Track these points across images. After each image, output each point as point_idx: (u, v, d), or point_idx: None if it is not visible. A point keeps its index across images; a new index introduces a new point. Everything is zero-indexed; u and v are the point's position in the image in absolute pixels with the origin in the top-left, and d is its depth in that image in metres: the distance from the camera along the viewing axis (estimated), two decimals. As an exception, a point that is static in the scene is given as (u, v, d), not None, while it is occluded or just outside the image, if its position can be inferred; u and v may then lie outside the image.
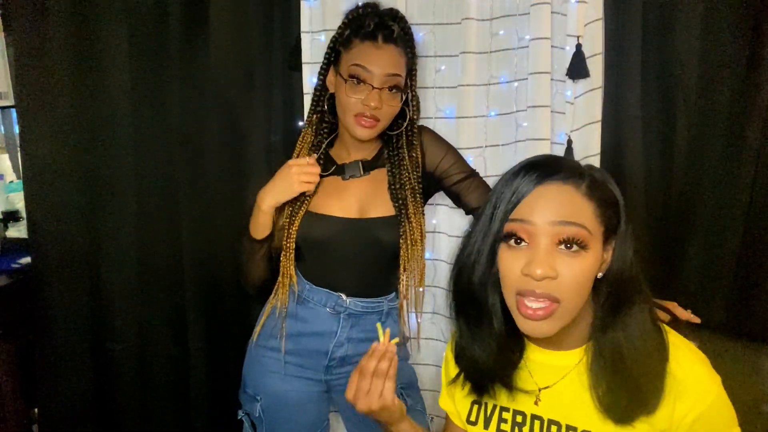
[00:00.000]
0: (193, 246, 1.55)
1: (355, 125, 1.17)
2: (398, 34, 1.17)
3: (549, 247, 0.75)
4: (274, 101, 1.49)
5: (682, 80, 1.36)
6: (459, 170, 1.28)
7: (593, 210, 0.76)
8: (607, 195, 0.78)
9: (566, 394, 0.83)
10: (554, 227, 0.75)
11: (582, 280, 0.75)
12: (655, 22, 1.35)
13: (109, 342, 1.59)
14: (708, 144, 1.39)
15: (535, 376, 0.86)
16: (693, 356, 0.80)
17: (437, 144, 1.29)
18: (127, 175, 1.52)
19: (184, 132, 1.51)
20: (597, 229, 0.76)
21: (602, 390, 0.78)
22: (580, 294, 0.76)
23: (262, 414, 1.28)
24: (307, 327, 1.27)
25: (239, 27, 1.46)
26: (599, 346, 0.79)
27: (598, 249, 0.76)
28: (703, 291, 1.42)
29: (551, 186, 0.77)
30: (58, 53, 1.45)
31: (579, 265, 0.75)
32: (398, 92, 1.18)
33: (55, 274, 1.54)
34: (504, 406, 0.88)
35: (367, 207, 1.23)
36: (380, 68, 1.14)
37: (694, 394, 0.76)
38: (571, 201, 0.76)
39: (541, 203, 0.76)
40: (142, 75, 1.48)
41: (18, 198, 1.96)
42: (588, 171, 0.80)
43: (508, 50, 1.39)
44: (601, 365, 0.79)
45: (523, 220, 0.76)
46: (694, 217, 1.42)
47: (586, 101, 1.33)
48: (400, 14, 1.20)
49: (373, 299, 1.28)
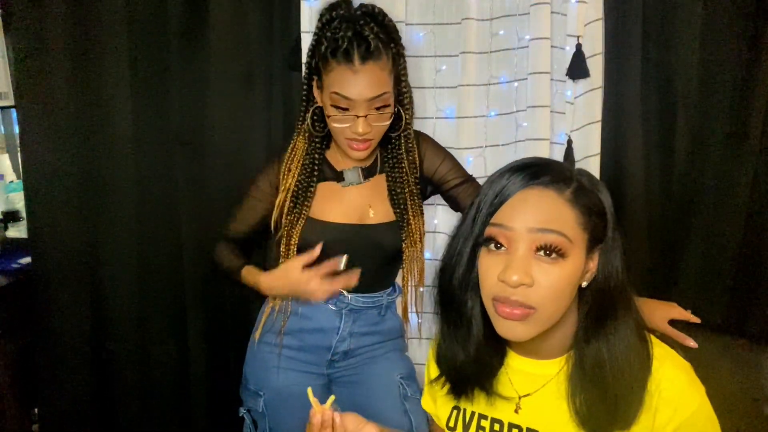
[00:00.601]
0: (192, 246, 1.55)
1: (348, 149, 1.15)
2: (375, 44, 1.08)
3: (526, 254, 0.73)
4: (274, 101, 1.49)
5: (682, 80, 1.36)
6: (456, 175, 1.28)
7: (576, 217, 0.74)
8: (593, 202, 0.76)
9: (546, 404, 0.82)
10: (532, 234, 0.73)
11: (559, 288, 0.73)
12: (655, 22, 1.36)
13: (109, 342, 1.59)
14: (708, 144, 1.39)
15: (515, 383, 0.85)
16: (676, 367, 0.78)
17: (435, 150, 1.29)
18: (126, 176, 1.52)
19: (184, 132, 1.51)
20: (579, 237, 0.74)
21: (579, 401, 0.77)
22: (557, 302, 0.74)
23: (265, 409, 1.28)
24: (310, 323, 1.27)
25: (239, 27, 1.46)
26: (580, 356, 0.78)
27: (579, 257, 0.74)
28: (703, 291, 1.42)
29: (533, 190, 0.75)
30: (58, 53, 1.45)
31: (557, 273, 0.73)
32: (387, 107, 1.14)
33: (55, 274, 1.54)
34: (482, 414, 0.87)
35: (366, 212, 1.24)
36: (361, 94, 1.09)
37: (675, 403, 0.75)
38: (552, 207, 0.74)
39: (521, 208, 0.75)
40: (142, 75, 1.48)
41: (18, 198, 1.96)
42: (576, 176, 0.77)
43: (508, 50, 1.39)
44: (581, 376, 0.77)
45: (503, 225, 0.75)
46: (694, 217, 1.42)
47: (586, 101, 1.33)
48: (375, 11, 1.12)
49: (374, 294, 1.29)
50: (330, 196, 1.23)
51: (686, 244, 1.44)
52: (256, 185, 1.27)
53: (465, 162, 1.40)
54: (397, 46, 1.15)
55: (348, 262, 1.19)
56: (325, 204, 1.23)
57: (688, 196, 1.42)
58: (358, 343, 1.31)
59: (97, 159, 1.51)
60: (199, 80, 1.48)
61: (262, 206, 1.27)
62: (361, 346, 1.32)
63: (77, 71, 1.47)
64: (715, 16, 1.33)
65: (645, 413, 0.75)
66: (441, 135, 1.42)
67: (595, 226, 0.76)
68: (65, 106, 1.48)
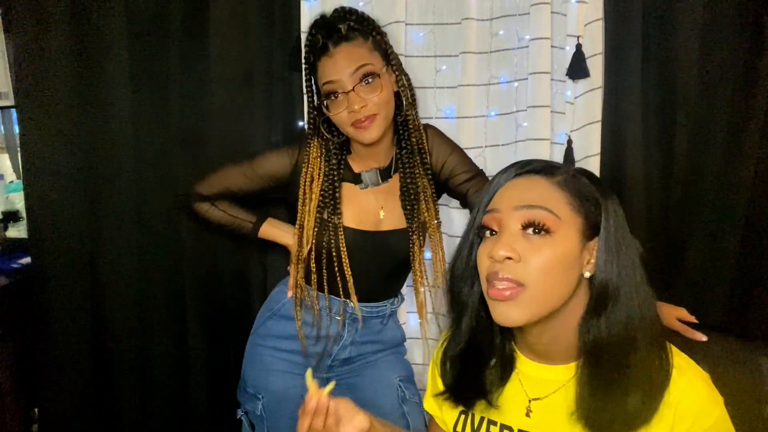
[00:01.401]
0: (192, 246, 1.55)
1: (356, 133, 1.15)
2: (347, 30, 1.14)
3: (515, 232, 0.76)
4: (274, 101, 1.49)
5: (682, 80, 1.36)
6: (465, 169, 1.27)
7: (565, 198, 0.76)
8: (586, 190, 0.78)
9: (557, 410, 0.81)
10: (518, 211, 0.76)
11: (549, 266, 0.74)
12: (655, 22, 1.35)
13: (109, 342, 1.59)
14: (708, 144, 1.39)
15: (526, 387, 0.85)
16: (696, 379, 0.77)
17: (442, 143, 1.28)
18: (127, 175, 1.52)
19: (184, 132, 1.51)
20: (569, 216, 0.76)
21: (586, 400, 0.76)
22: (547, 280, 0.74)
23: (263, 412, 1.28)
24: (313, 331, 1.27)
25: (239, 27, 1.46)
26: (585, 352, 0.77)
27: (570, 237, 0.75)
28: (704, 291, 1.42)
29: (522, 178, 0.80)
30: (58, 53, 1.45)
31: (545, 250, 0.74)
32: (375, 78, 1.13)
33: (55, 274, 1.54)
34: (492, 419, 0.87)
35: (382, 218, 1.23)
36: (342, 71, 1.12)
37: (693, 416, 0.74)
38: (538, 188, 0.77)
39: (508, 193, 0.79)
40: (142, 75, 1.48)
41: (18, 198, 1.96)
42: (572, 169, 0.80)
43: (508, 50, 1.39)
44: (586, 376, 0.77)
45: (492, 209, 0.79)
46: (694, 217, 1.42)
47: (586, 101, 1.33)
48: (347, 9, 1.17)
49: (378, 303, 1.29)
50: (347, 200, 1.23)
51: (686, 244, 1.44)
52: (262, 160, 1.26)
53: (465, 162, 1.41)
54: (373, 31, 1.17)
55: (356, 271, 1.20)
56: (342, 207, 1.22)
57: (688, 196, 1.41)
58: (359, 350, 1.31)
59: (97, 159, 1.51)
60: (199, 80, 1.48)
61: (246, 181, 1.27)
62: (362, 353, 1.32)
63: (77, 71, 1.47)
64: (716, 16, 1.33)
65: (662, 423, 0.74)
66: (441, 135, 1.42)
67: (589, 211, 0.77)
68: (65, 106, 1.48)
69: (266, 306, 1.35)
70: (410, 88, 1.22)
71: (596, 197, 0.77)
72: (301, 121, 1.42)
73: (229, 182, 1.28)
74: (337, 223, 1.19)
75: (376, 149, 1.22)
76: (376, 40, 1.17)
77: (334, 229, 1.19)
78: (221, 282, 1.58)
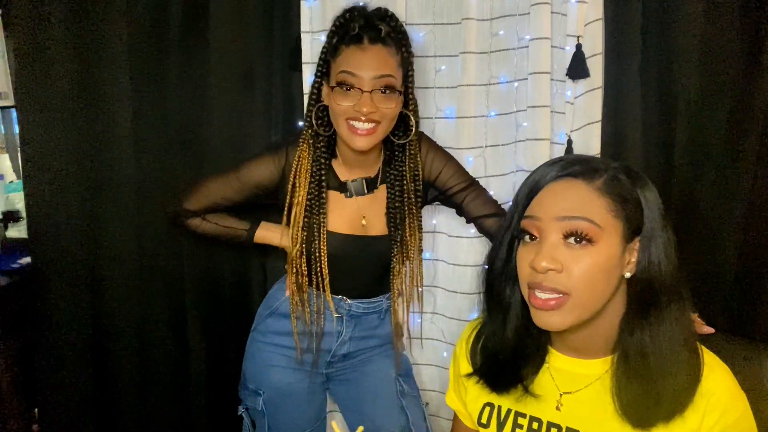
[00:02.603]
0: (192, 246, 1.55)
1: (350, 135, 1.11)
2: (386, 33, 1.10)
3: (556, 241, 0.76)
4: (274, 101, 1.49)
5: (682, 80, 1.36)
6: (459, 180, 1.27)
7: (606, 204, 0.76)
8: (627, 192, 0.77)
9: (588, 402, 0.82)
10: (560, 222, 0.76)
11: (591, 274, 0.74)
12: (655, 22, 1.35)
13: (109, 342, 1.59)
14: (708, 144, 1.39)
15: (557, 381, 0.86)
16: (726, 374, 0.80)
17: (437, 155, 1.27)
18: (127, 176, 1.52)
19: (184, 132, 1.51)
20: (610, 224, 0.75)
21: (625, 394, 0.78)
22: (591, 288, 0.75)
23: (264, 408, 1.29)
24: (311, 327, 1.27)
25: (239, 27, 1.46)
26: (624, 348, 0.78)
27: (612, 244, 0.75)
28: (704, 291, 1.42)
29: (561, 182, 0.79)
30: (58, 53, 1.45)
31: (587, 259, 0.74)
32: (393, 93, 1.11)
33: (55, 274, 1.55)
34: (520, 411, 0.87)
35: (368, 224, 1.23)
36: (368, 71, 1.08)
37: (723, 407, 0.76)
38: (579, 195, 0.76)
39: (548, 200, 0.78)
40: (142, 75, 1.48)
41: (18, 198, 1.96)
42: (612, 168, 0.79)
43: (508, 50, 1.39)
44: (625, 368, 0.78)
45: (532, 216, 0.78)
46: (694, 217, 1.42)
47: (586, 101, 1.33)
48: (389, 13, 1.14)
49: (373, 299, 1.30)
50: (333, 206, 1.23)
51: (686, 244, 1.44)
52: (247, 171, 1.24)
53: (465, 162, 1.40)
54: (407, 48, 1.15)
55: (348, 272, 1.21)
56: (328, 213, 1.22)
57: (688, 197, 1.41)
58: (358, 346, 1.32)
59: (97, 159, 1.51)
60: (199, 80, 1.48)
61: (233, 193, 1.25)
62: (360, 349, 1.32)
63: (77, 71, 1.47)
64: (715, 16, 1.33)
65: (694, 413, 0.76)
66: (441, 135, 1.42)
67: (631, 215, 0.77)
68: (65, 106, 1.48)
69: (265, 303, 1.36)
70: (417, 112, 1.22)
71: (637, 197, 0.78)
72: (301, 121, 1.42)
73: (216, 196, 1.27)
74: (322, 224, 1.19)
75: (364, 158, 1.22)
76: (404, 57, 1.14)
77: (318, 233, 1.19)
78: (221, 282, 1.58)
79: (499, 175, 1.42)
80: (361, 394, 1.31)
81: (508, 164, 1.42)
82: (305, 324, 1.26)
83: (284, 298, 1.30)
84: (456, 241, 1.45)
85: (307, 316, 1.26)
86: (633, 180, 0.79)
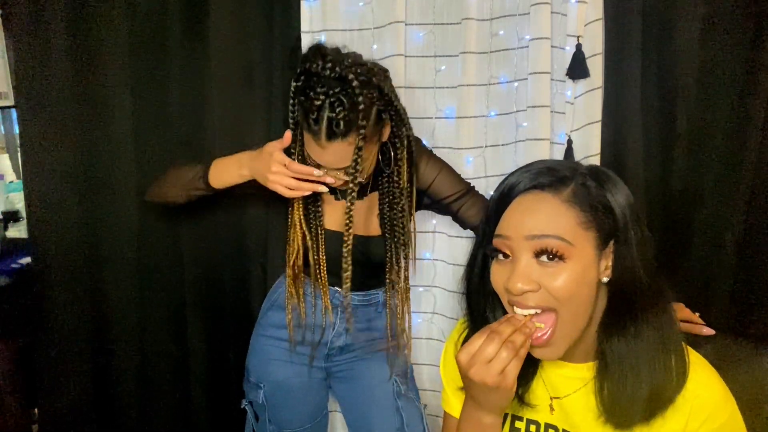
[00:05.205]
0: (192, 246, 1.55)
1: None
2: (344, 124, 1.00)
3: (528, 261, 0.74)
4: (274, 101, 1.49)
5: (682, 80, 1.36)
6: (454, 189, 1.25)
7: (576, 216, 0.74)
8: (597, 199, 0.75)
9: (578, 404, 0.83)
10: (529, 241, 0.74)
11: (572, 287, 0.73)
12: (655, 22, 1.35)
13: (109, 342, 1.59)
14: (708, 144, 1.39)
15: (549, 386, 0.86)
16: (712, 376, 0.79)
17: (431, 163, 1.25)
18: (127, 175, 1.52)
19: (184, 132, 1.51)
20: (582, 237, 0.74)
21: (604, 397, 0.78)
22: (576, 300, 0.74)
23: (265, 401, 1.30)
24: (308, 319, 1.28)
25: (239, 27, 1.46)
26: (603, 352, 0.78)
27: (585, 257, 0.74)
28: (704, 291, 1.42)
29: (528, 196, 0.76)
30: (58, 53, 1.45)
31: (563, 274, 0.73)
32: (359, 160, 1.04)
33: (55, 274, 1.55)
34: (517, 415, 0.87)
35: (361, 224, 1.24)
36: (330, 164, 1.08)
37: (708, 411, 0.76)
38: (546, 211, 0.74)
39: (517, 216, 0.76)
40: (142, 75, 1.48)
41: (18, 198, 1.96)
42: (579, 174, 0.76)
43: (508, 50, 1.39)
44: (604, 372, 0.78)
45: (502, 235, 0.76)
46: (694, 217, 1.42)
47: (586, 101, 1.33)
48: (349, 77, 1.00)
49: (369, 291, 1.31)
50: (327, 206, 1.23)
51: (686, 244, 1.44)
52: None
53: (465, 162, 1.40)
54: (367, 121, 1.03)
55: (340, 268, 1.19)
56: (323, 212, 1.23)
57: (688, 196, 1.41)
58: (355, 339, 1.32)
59: (97, 159, 1.51)
60: (199, 80, 1.48)
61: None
62: (357, 341, 1.32)
63: (77, 71, 1.47)
64: (716, 16, 1.33)
65: (676, 414, 0.76)
66: (441, 135, 1.42)
67: (603, 222, 0.75)
68: (65, 106, 1.48)
69: (267, 297, 1.38)
70: (410, 138, 1.16)
71: (606, 203, 0.75)
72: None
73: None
74: (318, 224, 1.20)
75: None
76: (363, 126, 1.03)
77: (316, 232, 1.20)
78: (221, 282, 1.58)
79: (499, 175, 1.42)
80: (358, 393, 1.32)
81: (508, 164, 1.42)
82: (300, 316, 1.27)
83: (282, 291, 1.31)
84: (456, 241, 1.45)
85: (302, 308, 1.26)
86: (601, 184, 0.76)
